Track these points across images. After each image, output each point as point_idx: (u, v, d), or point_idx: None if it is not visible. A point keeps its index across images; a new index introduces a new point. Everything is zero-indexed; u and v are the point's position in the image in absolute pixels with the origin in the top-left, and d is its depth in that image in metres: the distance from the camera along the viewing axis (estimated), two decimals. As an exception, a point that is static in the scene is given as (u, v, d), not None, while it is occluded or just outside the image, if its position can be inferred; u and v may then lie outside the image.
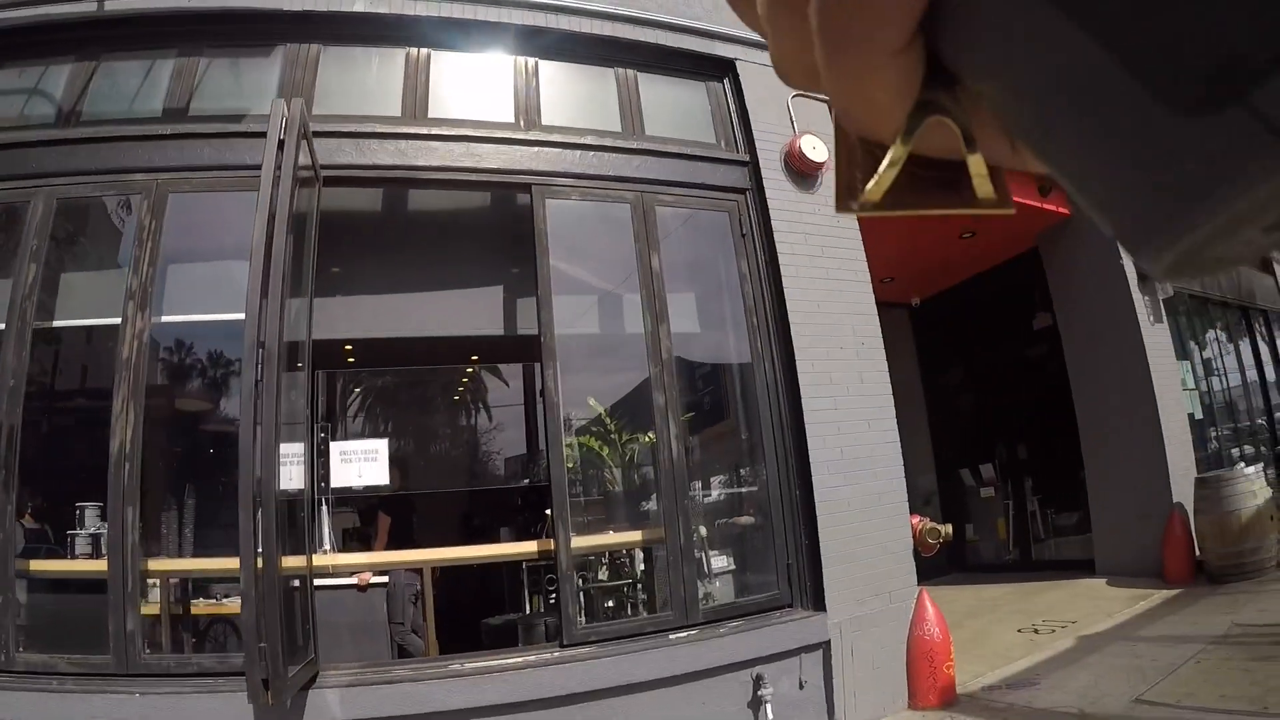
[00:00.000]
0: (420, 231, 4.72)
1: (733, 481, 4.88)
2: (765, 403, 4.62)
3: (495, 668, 3.84)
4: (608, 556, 4.51)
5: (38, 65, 4.81)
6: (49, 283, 4.39)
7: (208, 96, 4.58)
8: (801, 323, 4.66)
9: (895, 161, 0.23)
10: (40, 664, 3.83)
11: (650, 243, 4.48)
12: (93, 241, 4.76)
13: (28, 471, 4.07)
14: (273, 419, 3.37)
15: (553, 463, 4.18)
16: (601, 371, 4.74)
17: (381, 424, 5.30)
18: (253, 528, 3.30)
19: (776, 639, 4.16)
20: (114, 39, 4.75)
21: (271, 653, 3.22)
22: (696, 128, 4.84)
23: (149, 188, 4.28)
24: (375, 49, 4.71)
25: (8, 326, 4.23)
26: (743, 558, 4.69)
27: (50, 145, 4.45)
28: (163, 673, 3.77)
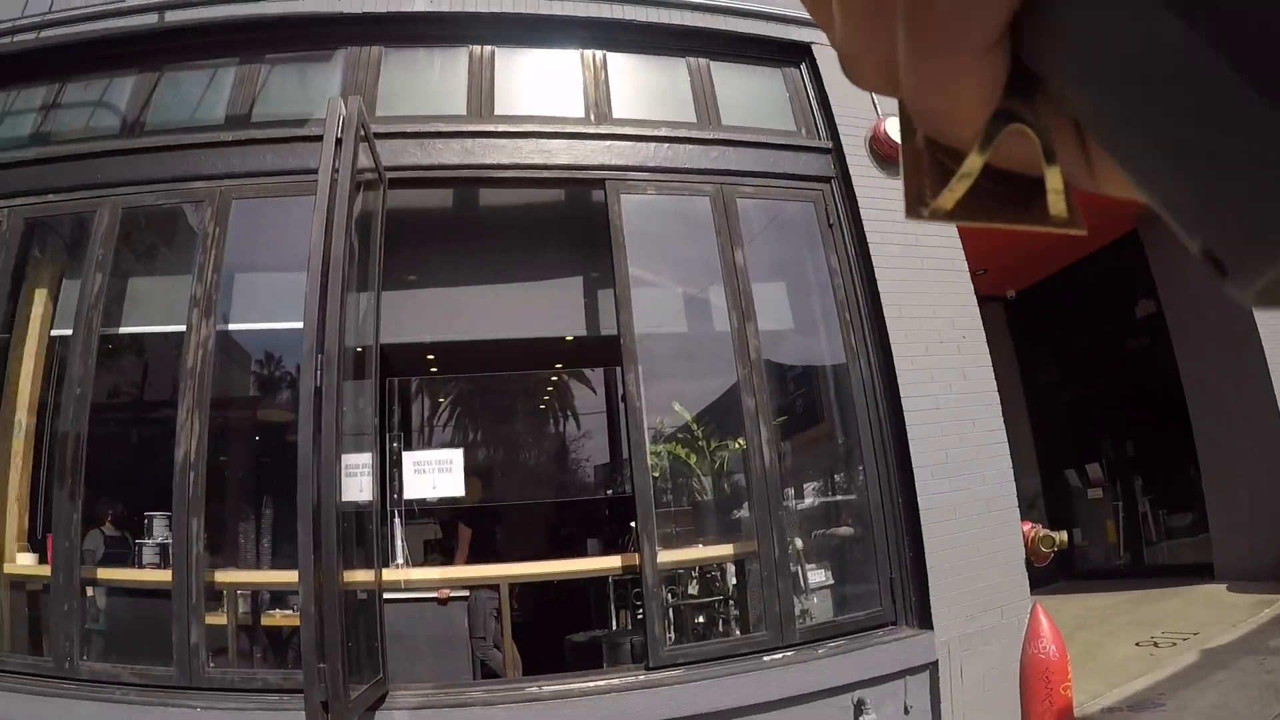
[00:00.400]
0: (493, 231, 4.56)
1: (829, 489, 4.59)
2: (862, 403, 4.34)
3: (574, 691, 3.66)
4: (697, 571, 4.26)
5: (102, 78, 4.82)
6: (115, 291, 4.37)
7: (270, 102, 4.52)
8: (897, 317, 4.37)
9: (970, 171, 0.23)
10: (104, 673, 3.81)
11: (733, 236, 4.24)
12: (158, 250, 4.75)
13: (95, 480, 4.07)
14: (333, 428, 3.23)
15: (636, 472, 3.97)
16: (687, 374, 4.51)
17: (459, 432, 5.17)
18: (312, 542, 3.16)
19: (879, 660, 3.89)
20: (175, 50, 4.74)
21: (332, 672, 3.09)
22: (775, 115, 4.60)
23: (212, 195, 4.22)
24: (438, 48, 4.61)
25: (74, 335, 4.24)
26: (842, 571, 4.40)
27: (115, 155, 4.44)
28: (226, 687, 3.70)
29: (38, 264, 4.72)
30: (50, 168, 4.54)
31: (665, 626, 3.90)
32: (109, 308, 4.25)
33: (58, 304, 4.59)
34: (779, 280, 4.58)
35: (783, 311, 4.57)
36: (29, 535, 4.39)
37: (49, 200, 4.49)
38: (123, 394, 5.11)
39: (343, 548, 3.34)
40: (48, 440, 4.28)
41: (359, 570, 3.84)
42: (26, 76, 4.96)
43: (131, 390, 5.19)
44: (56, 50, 4.86)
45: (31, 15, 4.90)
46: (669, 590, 4.07)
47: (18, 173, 4.59)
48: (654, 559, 3.85)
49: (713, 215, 4.27)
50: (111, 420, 4.84)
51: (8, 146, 4.81)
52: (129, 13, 4.75)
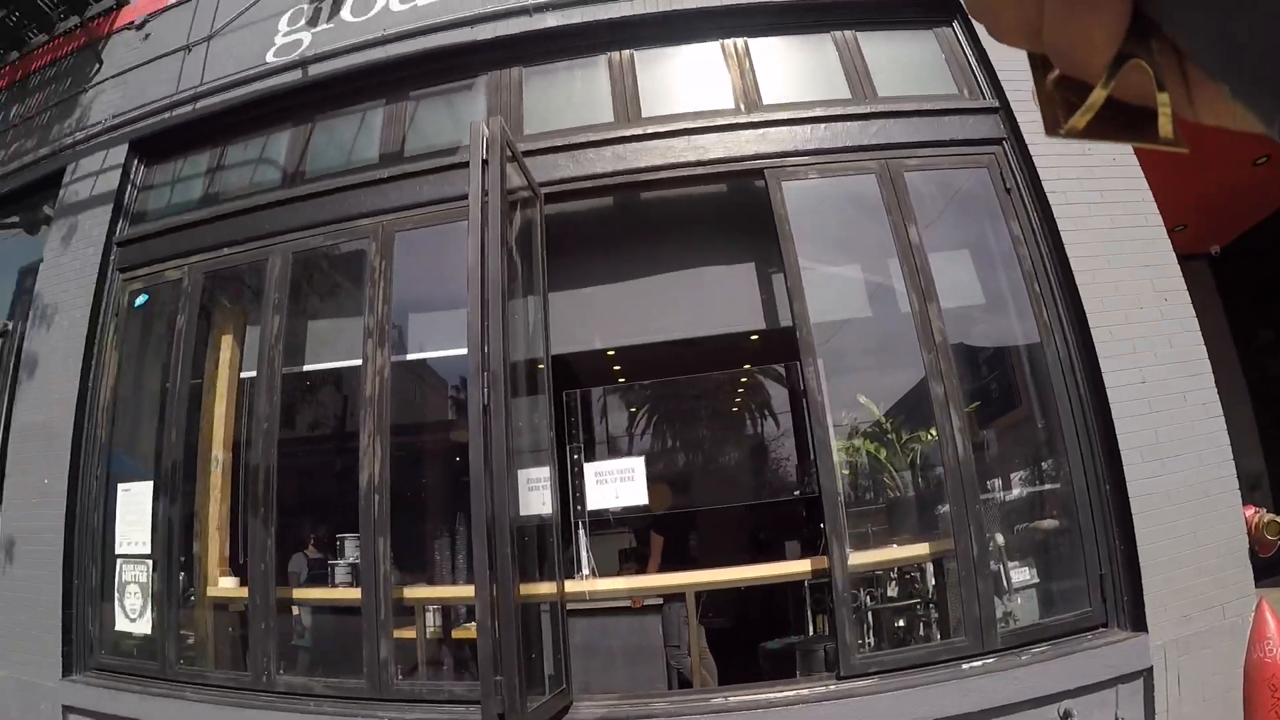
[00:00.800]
0: (660, 230, 4.56)
1: (1031, 478, 4.24)
2: (1060, 382, 4.01)
3: (761, 702, 3.55)
4: (891, 573, 4.00)
5: (259, 136, 5.16)
6: (293, 331, 4.66)
7: (420, 136, 4.73)
8: (1090, 283, 4.02)
9: (1097, 101, 0.30)
10: (299, 686, 4.11)
11: (904, 213, 4.04)
12: (329, 288, 4.98)
13: (289, 507, 4.30)
14: (503, 444, 3.26)
15: (822, 471, 3.81)
16: (872, 364, 4.31)
17: (641, 440, 5.14)
18: (487, 557, 3.21)
19: (1088, 667, 3.55)
20: (324, 100, 5.05)
21: (508, 685, 3.13)
22: (933, 79, 4.38)
23: (375, 231, 4.42)
24: (576, 60, 4.72)
25: (259, 374, 4.56)
26: (1046, 569, 4.04)
27: (280, 205, 4.77)
28: (414, 698, 3.87)
29: (222, 313, 5.06)
30: (222, 224, 4.89)
31: (858, 633, 3.76)
32: (288, 347, 4.53)
33: (244, 348, 4.87)
34: (959, 255, 4.33)
35: (966, 289, 4.30)
36: (231, 560, 4.81)
37: (224, 254, 4.82)
38: (309, 426, 5.43)
39: (518, 561, 3.39)
40: (242, 473, 4.62)
41: (541, 583, 3.91)
42: (190, 145, 5.39)
43: (317, 421, 5.50)
44: (213, 117, 5.27)
45: (185, 89, 5.27)
46: (864, 594, 3.84)
47: (193, 232, 4.94)
48: (844, 562, 3.71)
49: (880, 193, 4.10)
50: (300, 451, 5.17)
51: (182, 210, 5.20)
52: (274, 73, 5.08)
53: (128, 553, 4.80)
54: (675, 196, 4.37)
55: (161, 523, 4.69)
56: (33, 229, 6.15)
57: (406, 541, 4.34)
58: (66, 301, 5.26)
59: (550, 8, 4.65)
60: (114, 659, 4.70)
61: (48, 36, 6.57)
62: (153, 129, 5.39)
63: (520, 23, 4.66)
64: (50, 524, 4.88)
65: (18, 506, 5.13)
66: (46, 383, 5.21)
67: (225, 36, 5.37)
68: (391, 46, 4.79)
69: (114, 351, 5.10)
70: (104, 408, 5.02)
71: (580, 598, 4.05)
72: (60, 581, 4.75)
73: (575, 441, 4.36)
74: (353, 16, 5.03)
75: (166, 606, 4.56)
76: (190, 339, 4.82)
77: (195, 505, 4.90)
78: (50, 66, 6.44)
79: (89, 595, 4.80)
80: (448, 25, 4.75)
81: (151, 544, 4.70)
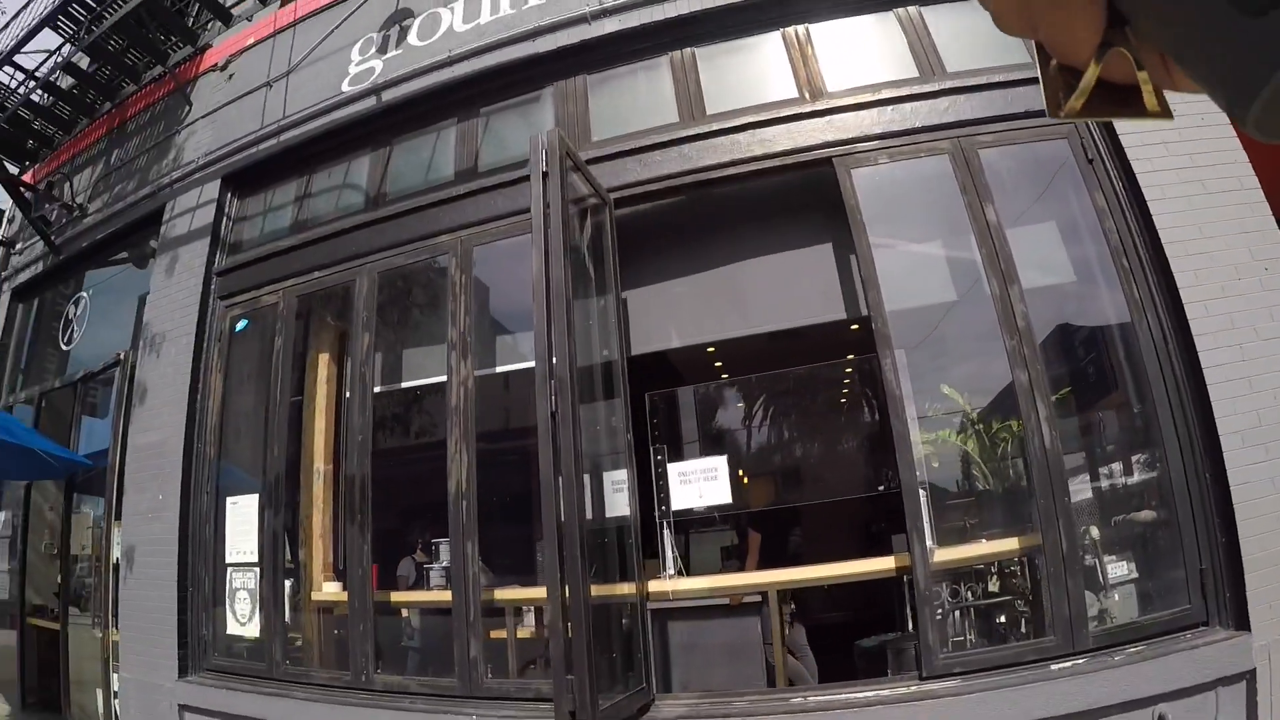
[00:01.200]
0: (731, 224, 4.65)
1: (1127, 468, 4.10)
2: (1153, 362, 3.86)
3: (839, 703, 3.59)
4: (982, 570, 3.93)
5: (341, 163, 5.50)
6: (383, 347, 5.01)
7: (493, 150, 4.98)
8: (1182, 255, 3.87)
9: (1088, 84, 0.36)
10: (395, 685, 4.42)
11: (980, 193, 4.01)
12: (415, 304, 5.24)
13: (388, 514, 4.53)
14: (570, 450, 3.40)
15: (901, 466, 3.82)
16: (956, 352, 4.27)
17: (727, 438, 5.21)
18: (558, 560, 3.34)
19: (1186, 669, 3.38)
20: (399, 123, 5.37)
21: (579, 684, 3.26)
22: (1002, 50, 4.30)
23: (454, 246, 4.68)
24: (638, 63, 4.90)
25: (351, 389, 4.95)
26: (1143, 564, 3.88)
27: (364, 228, 5.12)
28: (502, 696, 4.08)
29: (318, 333, 5.39)
30: (311, 249, 5.25)
31: (942, 632, 3.69)
32: (378, 362, 4.80)
33: (339, 364, 5.17)
34: (1041, 233, 4.25)
35: (1050, 268, 4.21)
36: (334, 566, 5.19)
37: (315, 277, 5.16)
38: (405, 436, 5.71)
39: (590, 563, 3.51)
40: (341, 484, 4.98)
41: (621, 583, 4.05)
42: (278, 175, 5.79)
43: (413, 431, 5.79)
44: (297, 148, 5.64)
45: (270, 123, 5.63)
46: (949, 591, 3.80)
47: (285, 258, 5.33)
48: (925, 559, 3.69)
49: (954, 173, 4.09)
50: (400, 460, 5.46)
51: (274, 238, 5.59)
52: (350, 101, 5.42)
53: (237, 561, 5.25)
54: (749, 188, 4.42)
55: (267, 532, 5.10)
56: (141, 263, 6.69)
57: (495, 545, 4.57)
58: (173, 329, 5.72)
59: (608, 13, 4.82)
60: (226, 660, 5.15)
61: (136, 87, 7.10)
62: (242, 163, 5.85)
63: (580, 31, 4.85)
64: (165, 536, 5.37)
65: (135, 521, 5.67)
66: (157, 406, 5.67)
67: (302, 70, 5.74)
68: (458, 66, 5.04)
69: (218, 374, 5.53)
70: (211, 427, 5.45)
71: (664, 597, 4.16)
72: (176, 590, 5.22)
73: (659, 442, 4.45)
74: (419, 40, 5.30)
75: (273, 611, 4.98)
76: (288, 359, 5.25)
77: (299, 515, 5.33)
78: (144, 112, 7.00)
79: (202, 602, 5.27)
80: (510, 41, 4.99)
81: (259, 553, 5.12)
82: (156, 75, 6.93)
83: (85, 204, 7.19)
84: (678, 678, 4.08)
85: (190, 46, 6.77)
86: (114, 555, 5.84)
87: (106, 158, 7.28)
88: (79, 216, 7.20)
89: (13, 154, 7.93)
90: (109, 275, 7.30)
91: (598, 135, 4.68)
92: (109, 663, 5.70)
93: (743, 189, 4.42)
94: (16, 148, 7.95)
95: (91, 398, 6.90)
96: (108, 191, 7.04)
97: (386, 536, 5.22)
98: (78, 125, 7.76)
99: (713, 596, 4.21)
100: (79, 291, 7.54)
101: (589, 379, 4.10)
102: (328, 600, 5.08)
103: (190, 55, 6.75)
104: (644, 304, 4.62)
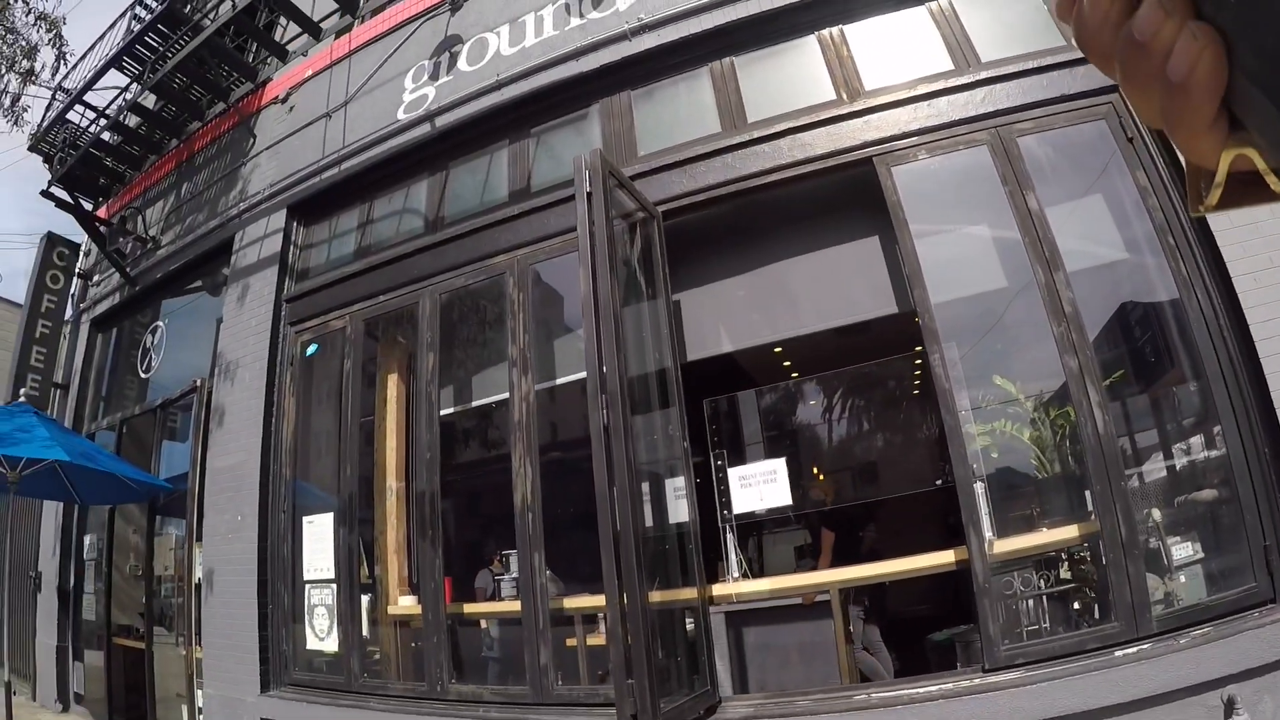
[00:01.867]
0: (781, 226, 4.94)
1: (1184, 448, 4.17)
2: (1205, 340, 3.97)
3: (903, 698, 3.71)
4: (1044, 559, 4.03)
5: (400, 189, 5.95)
6: (446, 365, 5.41)
7: (543, 169, 5.37)
8: (1228, 228, 3.95)
9: (1220, 182, 0.39)
10: (469, 694, 4.75)
11: (1021, 181, 4.19)
12: (475, 323, 5.58)
13: (461, 527, 4.76)
14: (623, 461, 3.66)
15: (955, 460, 4.02)
16: (1006, 341, 4.40)
17: (786, 440, 5.40)
18: (615, 568, 3.58)
19: (1253, 649, 3.40)
20: (453, 148, 5.82)
21: (639, 688, 3.49)
22: (1035, 34, 4.46)
23: (511, 265, 5.06)
24: (680, 75, 5.25)
25: (417, 410, 5.39)
26: (1206, 544, 3.94)
27: (425, 251, 5.57)
28: (572, 702, 4.38)
29: (385, 354, 5.74)
30: (375, 274, 5.72)
31: (1004, 623, 3.80)
32: (443, 380, 5.11)
33: (407, 384, 5.52)
34: (1085, 216, 4.38)
35: (1096, 251, 4.35)
36: (409, 580, 5.57)
37: (379, 301, 5.60)
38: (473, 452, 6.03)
39: (647, 570, 3.74)
40: (412, 500, 5.39)
41: (683, 588, 4.32)
42: (340, 203, 6.29)
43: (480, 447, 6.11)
44: (358, 176, 6.13)
45: (331, 153, 6.04)
46: (1007, 582, 3.92)
47: (351, 284, 5.77)
48: (983, 552, 3.85)
49: (994, 163, 4.31)
50: (470, 475, 5.77)
51: (338, 264, 6.05)
52: (405, 129, 5.87)
53: (314, 578, 5.73)
54: (793, 191, 4.69)
55: (343, 549, 5.58)
56: (214, 291, 7.28)
57: (562, 554, 4.88)
58: (246, 355, 6.21)
59: (647, 29, 5.19)
60: (305, 674, 5.61)
61: (201, 122, 7.63)
62: (306, 192, 6.42)
63: (621, 48, 5.23)
64: (245, 556, 5.89)
65: (215, 542, 6.23)
66: (234, 429, 6.16)
67: (359, 100, 6.22)
68: (506, 90, 5.44)
69: (291, 397, 6.01)
70: (286, 448, 5.90)
71: (728, 600, 4.40)
72: (256, 607, 5.70)
73: (719, 446, 4.66)
74: (469, 65, 5.71)
75: (350, 625, 5.40)
76: (357, 380, 5.76)
77: (374, 531, 5.80)
78: (210, 145, 7.59)
79: (282, 618, 5.75)
80: (554, 62, 5.41)
81: (335, 569, 5.58)
82: (220, 110, 7.46)
83: (158, 236, 7.86)
84: (753, 678, 4.29)
85: (250, 82, 7.29)
86: (196, 575, 6.38)
87: (176, 191, 7.90)
88: (152, 249, 7.85)
89: (86, 190, 8.73)
90: (183, 304, 8.03)
91: (644, 150, 5.08)
92: (193, 679, 6.21)
93: (787, 192, 4.67)
94: (90, 185, 8.73)
95: (171, 423, 7.48)
96: (179, 223, 7.66)
97: (459, 550, 5.58)
98: (147, 161, 8.50)
99: (774, 598, 4.38)
100: (155, 320, 8.27)
101: (645, 389, 4.44)
102: (403, 614, 5.43)
103: (251, 90, 7.27)
104: (697, 309, 4.98)
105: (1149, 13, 0.35)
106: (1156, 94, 0.36)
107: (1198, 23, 0.34)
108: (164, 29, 7.19)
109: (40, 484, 6.37)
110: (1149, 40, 0.35)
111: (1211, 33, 0.33)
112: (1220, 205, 0.41)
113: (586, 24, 5.35)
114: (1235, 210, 0.41)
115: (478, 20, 5.89)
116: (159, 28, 7.21)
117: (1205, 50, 0.33)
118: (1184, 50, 0.34)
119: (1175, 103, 0.35)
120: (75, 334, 9.15)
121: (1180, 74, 0.34)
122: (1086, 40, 0.39)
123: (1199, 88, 0.34)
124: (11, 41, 8.91)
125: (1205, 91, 0.34)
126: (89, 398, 8.69)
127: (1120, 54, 0.37)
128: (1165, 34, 0.34)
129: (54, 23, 8.79)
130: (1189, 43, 0.34)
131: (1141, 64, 0.36)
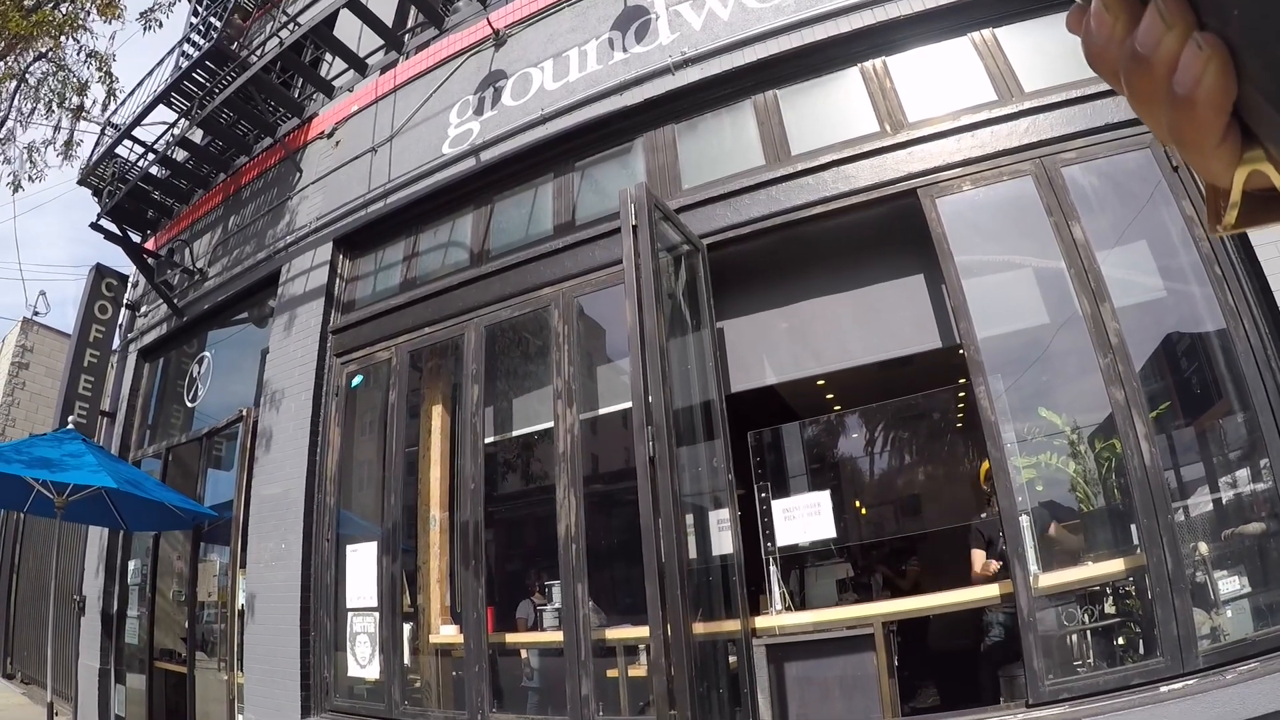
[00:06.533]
0: (827, 258, 5.08)
1: (1231, 480, 4.23)
2: (1253, 370, 4.02)
3: None
4: (1089, 593, 4.09)
5: (445, 222, 6.26)
6: (491, 398, 5.67)
7: (588, 203, 5.62)
8: (1274, 255, 4.00)
9: (1236, 201, 0.38)
10: None
11: (1066, 212, 4.33)
12: (520, 356, 5.80)
13: (502, 558, 4.95)
14: (669, 493, 3.81)
15: (1000, 492, 4.14)
16: (1052, 373, 4.49)
17: (830, 473, 5.53)
18: (659, 600, 3.72)
19: None
20: (498, 182, 6.09)
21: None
22: (1077, 63, 4.48)
23: (556, 298, 5.29)
24: (723, 109, 5.46)
25: (461, 441, 5.61)
26: (1253, 578, 3.96)
27: (470, 284, 5.82)
28: None
29: (429, 385, 6.02)
30: (420, 306, 6.00)
31: (1049, 658, 3.87)
32: (488, 412, 5.29)
33: (452, 416, 5.78)
34: (1130, 246, 4.49)
35: (1142, 282, 4.45)
36: (450, 609, 5.78)
37: (424, 333, 5.88)
38: (517, 483, 6.26)
39: (692, 602, 3.88)
40: (456, 530, 5.61)
41: (726, 620, 4.45)
42: (386, 236, 6.63)
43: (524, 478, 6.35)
44: (403, 209, 6.47)
45: (377, 187, 6.38)
46: (1057, 614, 3.99)
47: (396, 316, 6.05)
48: (1028, 585, 3.94)
49: (1039, 194, 4.43)
50: (514, 506, 6.01)
51: (384, 297, 6.36)
52: (451, 163, 6.17)
53: (357, 606, 5.96)
54: (839, 223, 4.86)
55: (385, 578, 5.82)
56: (260, 323, 7.63)
57: (605, 585, 5.03)
58: (292, 386, 6.52)
59: (690, 62, 5.42)
60: (345, 701, 5.83)
61: (248, 157, 8.06)
62: (352, 225, 6.76)
63: (665, 82, 5.47)
64: (288, 583, 6.16)
65: (259, 569, 6.52)
66: (280, 458, 6.46)
67: (405, 135, 6.55)
68: (551, 124, 5.71)
69: (336, 427, 6.30)
70: (330, 478, 6.18)
71: (771, 633, 4.52)
72: (299, 634, 5.95)
73: (763, 479, 4.83)
74: (513, 100, 6.00)
75: (392, 653, 5.62)
76: (402, 411, 6.04)
77: (417, 561, 6.03)
78: (258, 179, 8.00)
79: (324, 645, 5.99)
80: (598, 96, 5.66)
81: (378, 597, 5.81)
82: (267, 145, 7.88)
83: (205, 269, 8.26)
84: (794, 712, 4.37)
85: (297, 118, 7.69)
86: (239, 601, 6.65)
87: (224, 224, 8.33)
88: (200, 280, 8.27)
89: (135, 223, 9.20)
90: (230, 334, 8.44)
91: (688, 183, 5.30)
92: (234, 704, 6.47)
93: (831, 225, 4.86)
94: (138, 218, 9.20)
95: (216, 451, 7.85)
96: (226, 256, 8.07)
97: (501, 579, 5.80)
98: (194, 195, 8.96)
99: (817, 631, 4.47)
100: (202, 351, 8.70)
101: (689, 421, 4.62)
102: (445, 643, 5.63)
103: (298, 125, 7.67)
104: (740, 341, 5.15)
105: (1149, 24, 0.35)
106: (1164, 110, 0.35)
107: (1203, 33, 0.34)
108: (211, 65, 7.59)
109: (87, 510, 6.73)
110: (1151, 53, 0.35)
111: (1217, 43, 0.33)
112: (1239, 224, 0.40)
113: (630, 58, 5.61)
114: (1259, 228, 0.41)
115: (521, 56, 6.18)
116: (206, 64, 7.61)
117: (1210, 62, 0.33)
118: (1189, 63, 0.34)
119: (1182, 118, 0.35)
120: (123, 363, 9.58)
121: (1186, 88, 0.34)
122: (1095, 56, 0.39)
123: (1205, 102, 0.34)
124: (63, 79, 9.56)
125: (1212, 105, 0.34)
126: (135, 426, 9.10)
127: (1124, 69, 0.37)
128: (1168, 46, 0.34)
129: (104, 60, 9.42)
130: (1194, 55, 0.33)
131: (1146, 78, 0.35)
